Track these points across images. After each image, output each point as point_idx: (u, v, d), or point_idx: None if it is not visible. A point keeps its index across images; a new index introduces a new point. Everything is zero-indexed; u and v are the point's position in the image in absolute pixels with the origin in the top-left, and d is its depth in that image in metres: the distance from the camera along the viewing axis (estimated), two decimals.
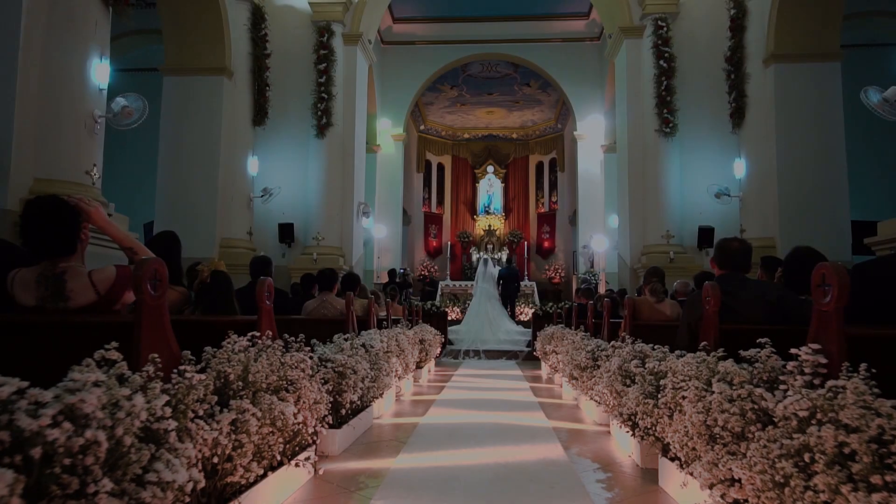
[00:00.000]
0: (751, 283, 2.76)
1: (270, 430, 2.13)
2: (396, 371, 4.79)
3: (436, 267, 20.62)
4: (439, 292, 15.49)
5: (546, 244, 21.32)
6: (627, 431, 3.01)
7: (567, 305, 9.28)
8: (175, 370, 1.70)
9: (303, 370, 2.60)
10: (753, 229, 9.78)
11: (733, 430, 1.83)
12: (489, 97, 19.26)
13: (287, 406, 2.25)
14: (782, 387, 1.77)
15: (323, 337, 3.72)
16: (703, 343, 2.46)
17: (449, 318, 12.31)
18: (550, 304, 12.01)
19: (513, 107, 20.06)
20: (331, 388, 3.09)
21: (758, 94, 9.83)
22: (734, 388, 1.92)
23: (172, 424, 1.49)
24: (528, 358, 10.33)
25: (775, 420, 1.66)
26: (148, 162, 10.72)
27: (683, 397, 2.25)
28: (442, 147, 22.17)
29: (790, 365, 1.78)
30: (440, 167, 22.30)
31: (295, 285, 7.11)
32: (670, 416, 2.38)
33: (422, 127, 20.94)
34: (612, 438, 3.79)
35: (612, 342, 3.93)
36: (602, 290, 13.11)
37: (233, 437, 1.87)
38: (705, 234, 10.48)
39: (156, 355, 1.61)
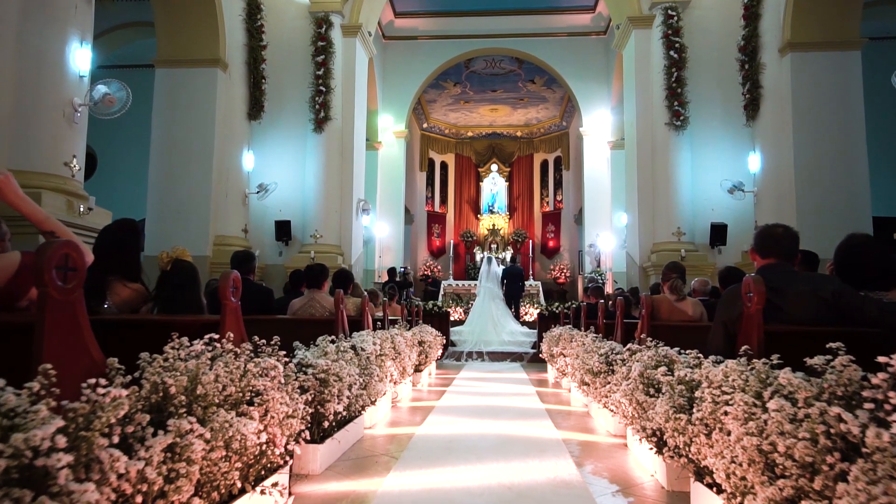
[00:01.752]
0: (800, 276, 2.37)
1: (224, 453, 1.75)
2: (391, 376, 4.41)
3: (439, 267, 20.25)
4: (442, 292, 15.10)
5: (551, 244, 20.92)
6: (651, 448, 2.62)
7: (575, 305, 8.88)
8: (84, 384, 1.32)
9: (273, 378, 2.23)
10: None
11: (802, 459, 1.44)
12: (493, 94, 18.88)
13: (248, 423, 1.87)
14: (867, 405, 1.38)
15: (309, 339, 3.36)
16: (744, 347, 2.07)
17: (452, 318, 11.92)
18: (557, 304, 11.61)
19: (517, 104, 19.68)
20: (310, 397, 2.71)
21: (773, 85, 9.40)
22: (799, 405, 1.53)
23: (65, 459, 1.11)
24: (534, 360, 9.93)
25: (865, 451, 1.27)
26: (140, 157, 10.36)
27: (726, 413, 1.86)
28: (445, 145, 21.80)
29: (876, 378, 1.39)
30: (443, 166, 21.94)
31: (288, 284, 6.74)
32: (708, 435, 1.99)
33: (425, 125, 20.58)
34: (629, 453, 3.40)
35: (629, 344, 3.54)
36: (609, 289, 12.71)
37: (167, 466, 1.49)
38: (718, 232, 10.08)
39: (48, 366, 1.23)
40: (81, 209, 5.89)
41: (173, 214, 9.51)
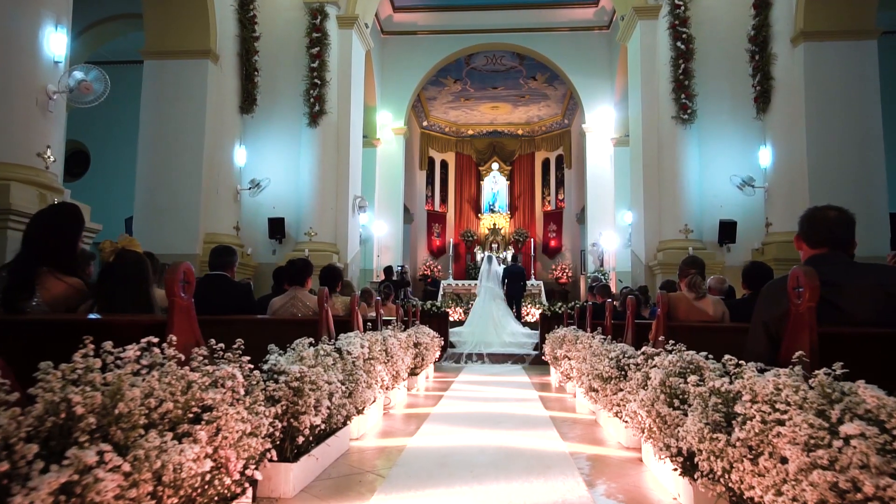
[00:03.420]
0: (860, 267, 2.00)
1: (151, 489, 1.39)
2: (382, 381, 4.05)
3: (439, 267, 19.89)
4: (441, 292, 14.73)
5: (552, 243, 20.56)
6: (675, 469, 2.26)
7: (580, 305, 8.52)
8: None
9: (232, 389, 1.88)
10: (780, 223, 9.02)
11: None
12: (494, 91, 18.53)
13: (187, 447, 1.51)
14: None
15: (290, 342, 3.00)
16: (798, 353, 1.71)
17: (451, 319, 11.56)
18: (559, 303, 11.25)
19: (518, 102, 19.32)
20: (281, 410, 2.35)
21: (785, 77, 9.04)
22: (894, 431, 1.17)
23: None
24: (536, 361, 9.58)
25: None
26: (135, 156, 9.98)
27: (779, 435, 1.50)
28: (445, 144, 21.45)
29: None
30: (443, 164, 21.59)
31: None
32: (754, 461, 1.63)
33: (424, 123, 20.23)
34: (645, 470, 3.03)
35: (644, 347, 3.18)
36: (613, 289, 12.34)
37: None
38: (727, 229, 9.72)
39: None
40: (56, 203, 5.54)
41: (162, 211, 9.18)
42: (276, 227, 10.37)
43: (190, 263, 1.97)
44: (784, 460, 1.50)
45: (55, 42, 5.70)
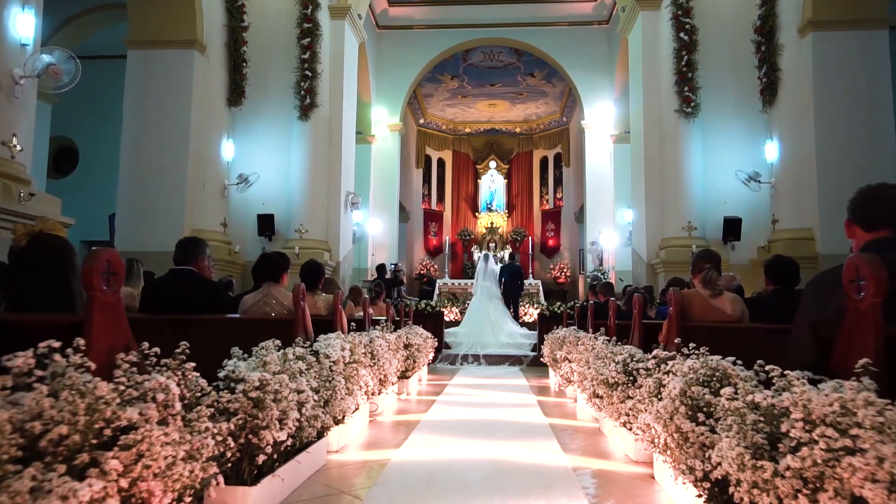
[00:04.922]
0: None
1: None
2: (367, 386, 3.70)
3: (435, 266, 19.56)
4: (437, 291, 14.38)
5: (551, 242, 20.25)
6: (700, 496, 1.92)
7: (580, 304, 8.19)
8: None
9: (165, 404, 1.53)
10: (788, 219, 8.71)
11: None
12: (491, 88, 18.19)
13: (86, 484, 1.16)
14: None
15: (258, 344, 2.65)
16: (862, 361, 1.37)
17: (447, 319, 11.22)
18: (558, 303, 10.91)
19: (516, 99, 18.99)
20: (237, 425, 2.01)
21: (792, 68, 8.71)
22: None
23: None
24: (534, 363, 9.24)
25: None
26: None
27: (851, 467, 1.16)
28: (442, 142, 21.11)
29: None
30: (440, 162, 21.25)
31: None
32: (812, 497, 1.29)
33: (421, 121, 19.89)
34: (658, 489, 2.69)
35: (655, 351, 2.85)
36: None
37: None
38: (731, 226, 9.40)
39: None
40: (21, 194, 5.19)
41: (146, 207, 8.82)
42: (266, 224, 10.03)
43: (116, 251, 1.62)
44: (857, 500, 1.16)
45: (22, 23, 5.36)
